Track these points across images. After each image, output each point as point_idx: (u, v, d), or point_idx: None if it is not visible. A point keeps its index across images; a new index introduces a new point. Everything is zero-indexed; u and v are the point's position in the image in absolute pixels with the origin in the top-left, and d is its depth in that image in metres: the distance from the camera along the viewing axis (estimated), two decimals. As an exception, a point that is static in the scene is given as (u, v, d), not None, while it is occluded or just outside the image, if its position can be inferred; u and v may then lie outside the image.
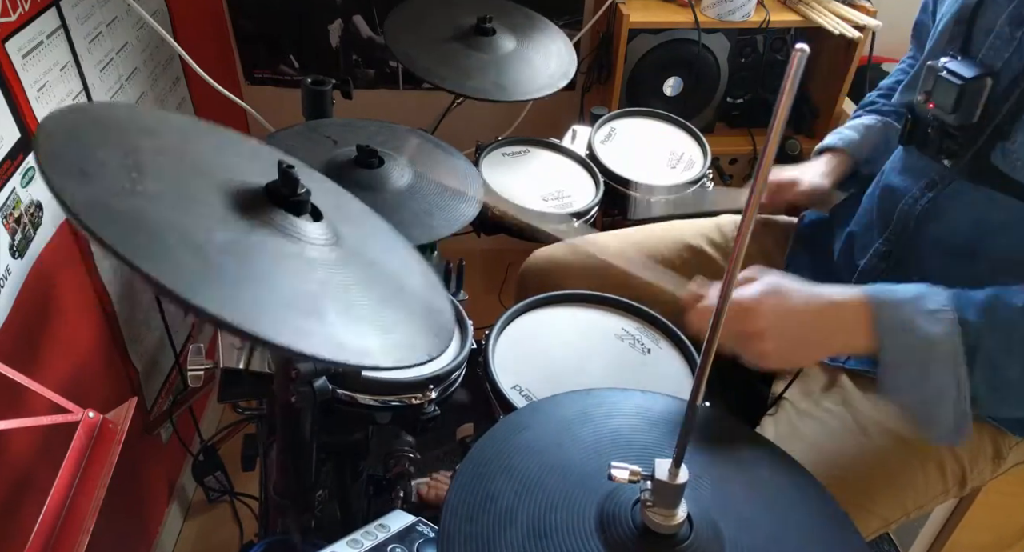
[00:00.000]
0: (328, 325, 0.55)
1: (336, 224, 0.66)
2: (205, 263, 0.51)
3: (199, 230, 0.53)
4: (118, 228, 0.48)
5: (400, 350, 0.59)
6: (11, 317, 0.96)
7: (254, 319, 0.49)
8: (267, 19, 1.83)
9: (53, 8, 1.06)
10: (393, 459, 1.03)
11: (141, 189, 0.53)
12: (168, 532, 1.53)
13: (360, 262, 0.65)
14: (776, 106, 0.40)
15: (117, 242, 0.47)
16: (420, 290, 0.70)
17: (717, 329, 0.47)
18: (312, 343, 0.51)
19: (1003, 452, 0.95)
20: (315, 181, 0.73)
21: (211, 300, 0.48)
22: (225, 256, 0.53)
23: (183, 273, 0.48)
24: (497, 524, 0.55)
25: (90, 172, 0.52)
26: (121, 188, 0.52)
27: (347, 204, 0.79)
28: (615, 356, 0.95)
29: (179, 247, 0.50)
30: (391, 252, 0.73)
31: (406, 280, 0.69)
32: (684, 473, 0.53)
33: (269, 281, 0.54)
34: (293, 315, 0.53)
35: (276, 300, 0.53)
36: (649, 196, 1.24)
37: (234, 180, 0.62)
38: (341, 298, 0.59)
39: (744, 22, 1.65)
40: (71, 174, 0.50)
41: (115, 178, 0.53)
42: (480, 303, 0.68)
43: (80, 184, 0.50)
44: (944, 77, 0.84)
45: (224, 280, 0.51)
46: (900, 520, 0.94)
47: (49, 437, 1.05)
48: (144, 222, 0.51)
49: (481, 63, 1.26)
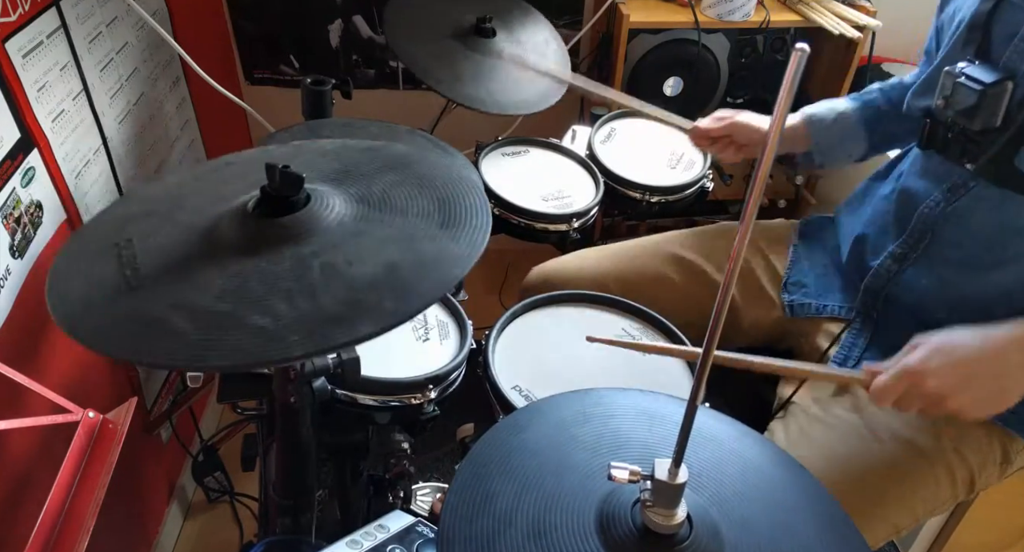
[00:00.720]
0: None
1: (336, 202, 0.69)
2: (206, 321, 0.57)
3: (191, 292, 0.60)
4: (121, 338, 0.58)
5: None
6: (11, 317, 0.96)
7: (261, 351, 0.55)
8: (267, 19, 1.83)
9: (53, 8, 1.06)
10: (393, 459, 1.03)
11: (136, 284, 0.62)
12: (168, 532, 1.52)
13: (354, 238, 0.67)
14: (776, 106, 0.40)
15: (129, 355, 0.58)
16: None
17: (717, 328, 0.47)
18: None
19: (1011, 456, 0.95)
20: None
21: (214, 358, 0.55)
22: (223, 301, 0.59)
23: (183, 345, 0.56)
24: (497, 524, 0.55)
25: (92, 299, 0.61)
26: (119, 291, 0.61)
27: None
28: (615, 356, 0.95)
29: (176, 321, 0.57)
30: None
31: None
32: (684, 473, 0.52)
33: (269, 298, 0.59)
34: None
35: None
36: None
37: (223, 212, 0.68)
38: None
39: (744, 22, 1.65)
40: (75, 311, 0.61)
41: (113, 285, 0.62)
42: (480, 303, 0.69)
43: (86, 314, 0.60)
44: (963, 83, 0.83)
45: (227, 325, 0.57)
46: (910, 526, 0.94)
47: (49, 437, 1.05)
48: (141, 316, 0.59)
49: (479, 68, 1.25)
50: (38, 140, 1.03)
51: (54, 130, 1.06)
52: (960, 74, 0.84)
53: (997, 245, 0.88)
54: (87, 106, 1.16)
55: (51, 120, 1.06)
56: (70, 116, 1.11)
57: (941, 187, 0.92)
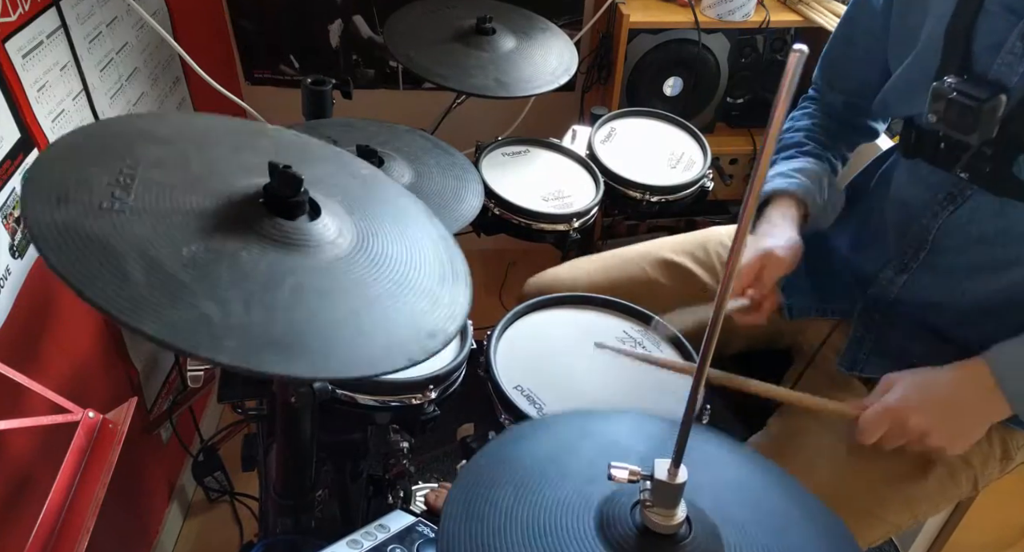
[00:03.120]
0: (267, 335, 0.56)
1: (338, 217, 0.67)
2: (161, 282, 0.53)
3: (164, 246, 0.55)
4: (70, 251, 0.52)
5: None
6: (11, 317, 0.96)
7: (191, 339, 0.51)
8: (267, 19, 1.83)
9: (53, 8, 1.06)
10: (393, 459, 1.03)
11: (119, 207, 0.56)
12: (168, 532, 1.53)
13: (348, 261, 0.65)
14: (775, 106, 0.40)
15: (62, 266, 0.50)
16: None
17: (717, 327, 0.47)
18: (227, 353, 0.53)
19: (1011, 452, 0.95)
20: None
21: (148, 321, 0.50)
22: (188, 270, 0.55)
23: (125, 294, 0.51)
24: (497, 524, 0.55)
25: (70, 197, 0.55)
26: (98, 208, 0.55)
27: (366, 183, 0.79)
28: (616, 357, 0.95)
29: (133, 266, 0.53)
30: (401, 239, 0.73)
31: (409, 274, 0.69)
32: (683, 473, 0.53)
33: (230, 291, 0.56)
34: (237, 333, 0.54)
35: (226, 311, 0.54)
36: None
37: (237, 186, 0.63)
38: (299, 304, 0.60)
39: (744, 22, 1.65)
40: (47, 200, 0.54)
41: (94, 198, 0.56)
42: (480, 303, 0.68)
43: (54, 209, 0.53)
44: (957, 99, 0.81)
45: (178, 295, 0.53)
46: (910, 525, 0.94)
47: (49, 437, 1.05)
48: (104, 243, 0.53)
49: (482, 61, 1.26)
50: (38, 140, 1.03)
51: (54, 130, 1.06)
52: (952, 90, 0.82)
53: (999, 249, 0.87)
54: (87, 106, 1.16)
55: (51, 120, 1.06)
56: (70, 116, 1.11)
57: (936, 196, 0.90)
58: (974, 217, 0.88)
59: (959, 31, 0.84)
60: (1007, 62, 0.80)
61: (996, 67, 0.81)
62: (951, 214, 0.89)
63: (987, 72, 0.82)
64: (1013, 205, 0.83)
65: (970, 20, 0.83)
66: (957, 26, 0.84)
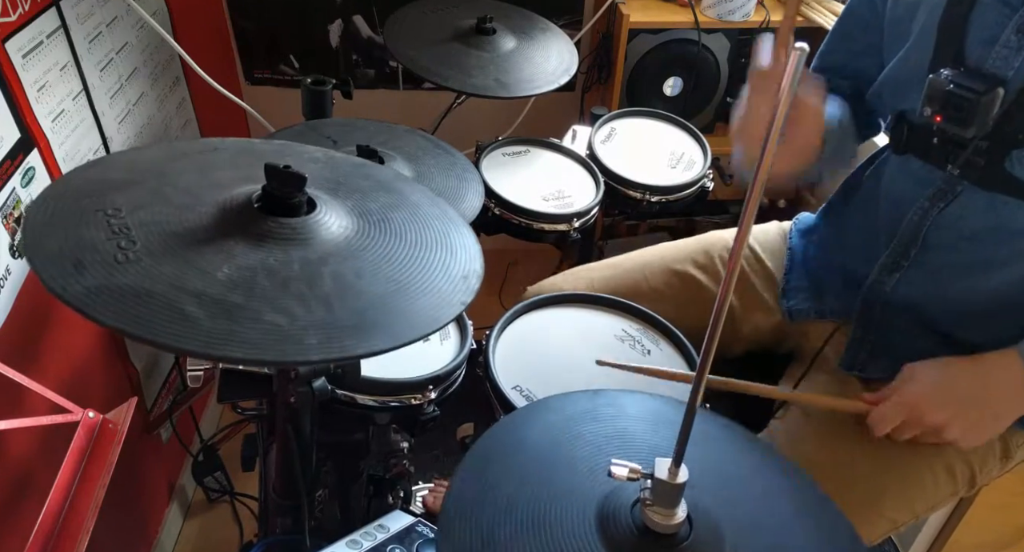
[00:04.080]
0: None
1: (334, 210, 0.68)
2: (218, 310, 0.55)
3: (197, 277, 0.58)
4: (120, 308, 0.53)
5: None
6: (11, 317, 0.96)
7: (277, 349, 0.54)
8: (267, 19, 1.83)
9: (53, 8, 1.06)
10: (393, 459, 1.03)
11: (133, 256, 0.58)
12: (168, 532, 1.53)
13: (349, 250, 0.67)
14: (774, 106, 0.40)
15: (124, 325, 0.52)
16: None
17: (718, 326, 0.47)
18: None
19: (1011, 451, 0.95)
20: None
21: (232, 348, 0.53)
22: (234, 292, 0.57)
23: (194, 331, 0.53)
24: (496, 523, 0.55)
25: (83, 261, 0.56)
26: (114, 262, 0.57)
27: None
28: (616, 357, 0.95)
29: (185, 303, 0.55)
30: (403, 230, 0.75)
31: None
32: (684, 473, 0.52)
33: (283, 296, 0.58)
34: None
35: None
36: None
37: (227, 201, 0.65)
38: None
39: (744, 22, 1.65)
40: (65, 271, 0.55)
41: (106, 255, 0.58)
42: (480, 303, 0.69)
43: (77, 278, 0.55)
44: (955, 92, 0.80)
45: (240, 316, 0.55)
46: (909, 522, 0.94)
47: (49, 437, 1.05)
48: (144, 292, 0.55)
49: (482, 61, 1.26)
50: (38, 140, 1.03)
51: (54, 130, 1.06)
52: (949, 82, 0.81)
53: (991, 246, 0.87)
54: (87, 106, 1.16)
55: (51, 120, 1.06)
56: (70, 116, 1.11)
57: (925, 192, 0.89)
58: (964, 214, 0.87)
59: (953, 24, 0.83)
60: (1002, 56, 0.80)
61: (991, 61, 0.80)
62: (941, 211, 0.89)
63: (982, 66, 0.81)
64: (1004, 202, 0.83)
65: (964, 13, 0.82)
66: (950, 19, 0.83)
